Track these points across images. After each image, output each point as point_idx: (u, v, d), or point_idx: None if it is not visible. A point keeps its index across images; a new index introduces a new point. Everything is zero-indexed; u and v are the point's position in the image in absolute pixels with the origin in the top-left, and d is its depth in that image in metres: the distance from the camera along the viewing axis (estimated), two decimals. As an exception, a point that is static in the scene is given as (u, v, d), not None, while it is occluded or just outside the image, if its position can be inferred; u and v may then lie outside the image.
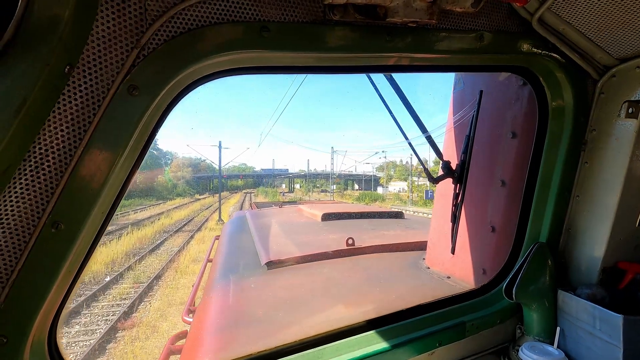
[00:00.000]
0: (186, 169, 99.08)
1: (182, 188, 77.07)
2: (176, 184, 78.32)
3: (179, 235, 24.77)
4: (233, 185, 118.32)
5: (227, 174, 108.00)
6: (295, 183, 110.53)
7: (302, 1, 1.17)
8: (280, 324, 2.11)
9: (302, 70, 1.37)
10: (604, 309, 1.56)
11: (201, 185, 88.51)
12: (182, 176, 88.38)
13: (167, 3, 1.04)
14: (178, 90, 1.15)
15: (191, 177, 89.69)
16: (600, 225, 1.75)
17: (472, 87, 2.49)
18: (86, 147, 1.02)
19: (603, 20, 1.43)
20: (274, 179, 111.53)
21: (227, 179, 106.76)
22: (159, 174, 74.50)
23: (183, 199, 60.39)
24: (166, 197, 62.88)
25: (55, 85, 0.94)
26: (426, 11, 1.19)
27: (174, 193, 68.86)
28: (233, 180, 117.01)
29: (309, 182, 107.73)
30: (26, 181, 0.97)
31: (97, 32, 0.97)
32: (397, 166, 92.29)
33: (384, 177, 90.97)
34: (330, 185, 75.65)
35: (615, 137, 1.67)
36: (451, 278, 2.61)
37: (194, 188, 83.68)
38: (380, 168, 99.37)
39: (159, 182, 68.80)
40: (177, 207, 46.41)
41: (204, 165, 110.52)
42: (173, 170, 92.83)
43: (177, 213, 38.52)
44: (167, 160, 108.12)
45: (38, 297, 1.05)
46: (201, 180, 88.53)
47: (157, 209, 43.15)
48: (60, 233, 1.04)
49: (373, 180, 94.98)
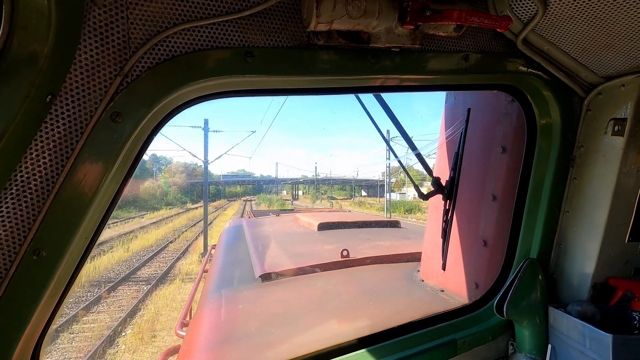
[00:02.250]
0: (179, 175, 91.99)
1: (173, 196, 70.16)
2: (168, 190, 71.65)
3: (114, 300, 12.34)
4: (231, 192, 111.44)
5: (225, 180, 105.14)
6: (298, 189, 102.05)
7: (285, 27, 1.18)
8: (273, 340, 2.10)
9: (288, 92, 1.38)
10: (593, 327, 1.55)
11: (196, 192, 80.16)
12: (174, 182, 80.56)
13: (150, 31, 1.04)
14: (162, 116, 1.16)
15: (185, 183, 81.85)
16: (590, 241, 1.75)
17: (463, 102, 2.51)
18: (68, 174, 1.02)
19: (587, 42, 1.44)
20: (277, 186, 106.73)
21: (225, 185, 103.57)
22: (146, 181, 68.16)
23: (171, 210, 49.55)
24: (153, 206, 52.96)
25: (37, 114, 0.94)
26: (409, 37, 1.20)
27: (163, 202, 60.45)
28: (231, 187, 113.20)
29: (312, 188, 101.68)
30: (7, 209, 0.97)
31: (79, 62, 0.97)
32: (410, 170, 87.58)
33: (395, 181, 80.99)
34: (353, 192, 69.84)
35: (603, 154, 1.68)
36: (444, 292, 2.60)
37: (187, 195, 76.16)
38: (384, 174, 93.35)
39: (146, 190, 60.68)
40: (159, 221, 34.34)
41: (199, 170, 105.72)
42: (165, 176, 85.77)
43: (150, 234, 25.50)
44: (160, 166, 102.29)
45: (19, 325, 1.04)
46: (196, 186, 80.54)
47: (128, 225, 30.55)
48: (41, 260, 1.03)
49: (384, 185, 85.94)
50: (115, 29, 1.00)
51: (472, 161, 2.32)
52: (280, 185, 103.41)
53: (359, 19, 1.09)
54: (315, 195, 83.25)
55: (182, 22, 1.07)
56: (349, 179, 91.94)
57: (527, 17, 1.39)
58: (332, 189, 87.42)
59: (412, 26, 1.13)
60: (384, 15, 1.12)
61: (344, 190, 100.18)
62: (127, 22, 1.01)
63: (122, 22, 1.01)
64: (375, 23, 1.12)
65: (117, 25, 1.00)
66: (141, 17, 1.03)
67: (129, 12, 1.01)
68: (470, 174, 2.33)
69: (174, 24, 1.06)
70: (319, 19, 1.07)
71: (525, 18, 1.40)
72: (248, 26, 1.15)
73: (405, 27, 1.15)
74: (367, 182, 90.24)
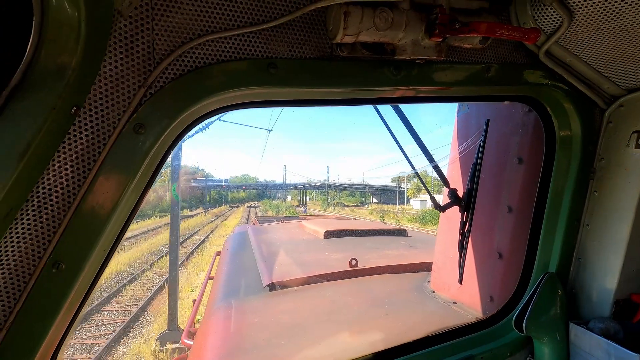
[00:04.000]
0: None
1: (169, 201, 62.70)
2: (177, 198, 69.72)
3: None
4: (234, 197, 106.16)
5: (227, 185, 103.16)
6: (304, 195, 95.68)
7: (310, 38, 1.17)
8: (284, 353, 2.06)
9: (309, 103, 1.36)
10: (619, 346, 1.50)
11: (195, 197, 72.03)
12: (170, 186, 74.58)
13: (175, 42, 1.03)
14: (184, 127, 1.14)
15: (183, 187, 77.84)
16: (612, 255, 1.71)
17: (477, 111, 2.49)
18: (90, 186, 1.00)
19: (610, 54, 1.42)
20: (282, 191, 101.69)
21: (227, 189, 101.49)
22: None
23: (162, 218, 40.48)
24: (146, 213, 45.45)
25: (61, 126, 0.93)
26: (434, 49, 1.18)
27: (157, 208, 51.20)
28: (234, 192, 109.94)
29: (320, 194, 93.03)
30: (28, 222, 0.95)
31: (104, 73, 0.96)
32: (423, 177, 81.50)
33: (411, 188, 72.67)
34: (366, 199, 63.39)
35: (625, 167, 1.65)
36: (457, 304, 2.56)
37: (186, 201, 67.05)
38: (396, 179, 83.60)
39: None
40: (139, 235, 26.46)
41: (200, 174, 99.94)
42: (163, 180, 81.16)
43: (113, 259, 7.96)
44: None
45: (36, 339, 1.02)
46: (194, 190, 72.47)
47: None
48: (60, 273, 1.01)
49: (397, 192, 75.14)
50: (140, 40, 0.99)
51: (487, 172, 2.29)
52: (285, 191, 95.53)
53: (386, 31, 1.08)
54: (327, 201, 76.03)
55: (206, 33, 1.06)
56: (363, 185, 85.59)
57: (551, 28, 1.37)
58: (339, 195, 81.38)
59: (440, 39, 1.12)
60: (411, 28, 1.10)
61: (353, 196, 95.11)
62: (152, 33, 1.00)
63: (147, 33, 1.00)
64: (402, 35, 1.11)
65: (142, 36, 0.99)
66: (166, 29, 1.02)
67: (154, 24, 1.00)
68: (485, 185, 2.30)
69: (198, 35, 1.05)
70: (346, 30, 1.05)
71: (549, 29, 1.38)
72: (272, 37, 1.14)
73: (432, 40, 1.13)
74: (383, 188, 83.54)
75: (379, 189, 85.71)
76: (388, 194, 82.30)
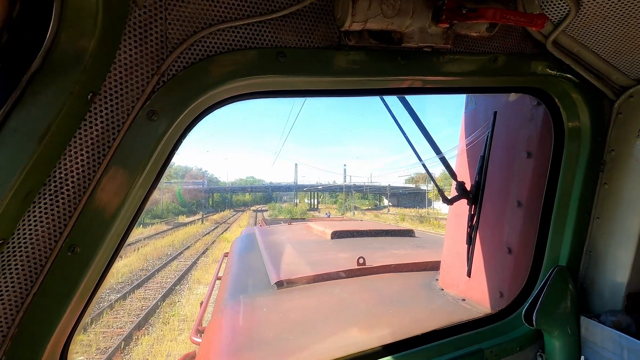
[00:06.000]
0: (175, 180, 76.83)
1: (164, 206, 53.83)
2: (182, 201, 56.94)
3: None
4: (239, 200, 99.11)
5: (231, 187, 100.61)
6: (315, 198, 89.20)
7: (318, 27, 1.19)
8: (292, 348, 2.06)
9: (317, 93, 1.38)
10: (632, 338, 1.48)
11: (195, 200, 64.40)
12: (169, 189, 63.88)
13: (187, 31, 1.06)
14: (195, 115, 1.17)
15: (182, 189, 65.29)
16: (623, 248, 1.68)
17: (485, 107, 2.48)
18: (105, 171, 1.03)
19: (619, 43, 1.42)
20: (289, 193, 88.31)
21: (231, 192, 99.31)
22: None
23: (152, 226, 35.75)
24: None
25: (78, 112, 0.96)
26: (441, 36, 1.19)
27: (149, 214, 46.93)
28: (239, 195, 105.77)
29: (330, 197, 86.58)
30: (45, 205, 0.98)
31: (119, 61, 0.99)
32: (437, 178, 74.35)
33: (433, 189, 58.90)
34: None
35: (635, 159, 1.63)
36: (466, 301, 2.54)
37: (185, 205, 60.86)
38: (410, 180, 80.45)
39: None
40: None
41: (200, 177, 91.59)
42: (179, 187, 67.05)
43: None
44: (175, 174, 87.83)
45: (51, 321, 1.05)
46: (193, 192, 65.64)
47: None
48: (76, 257, 1.04)
49: (425, 193, 64.40)
50: (154, 29, 1.02)
51: (495, 166, 2.28)
52: (293, 193, 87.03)
53: (393, 17, 1.10)
54: (345, 204, 68.41)
55: (217, 22, 1.09)
56: (384, 186, 78.79)
57: (559, 17, 1.37)
58: (350, 197, 74.63)
59: (447, 25, 1.13)
60: (418, 14, 1.12)
61: (366, 199, 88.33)
62: (165, 22, 1.03)
63: (161, 22, 1.03)
64: (409, 22, 1.12)
65: (155, 25, 1.02)
66: (179, 18, 1.05)
67: (167, 13, 1.03)
68: (493, 179, 2.29)
69: (209, 24, 1.08)
70: (354, 17, 1.07)
71: (557, 19, 1.38)
72: (281, 26, 1.16)
73: (439, 26, 1.14)
74: (405, 189, 75.71)
75: (400, 190, 77.48)
76: (404, 196, 75.40)
